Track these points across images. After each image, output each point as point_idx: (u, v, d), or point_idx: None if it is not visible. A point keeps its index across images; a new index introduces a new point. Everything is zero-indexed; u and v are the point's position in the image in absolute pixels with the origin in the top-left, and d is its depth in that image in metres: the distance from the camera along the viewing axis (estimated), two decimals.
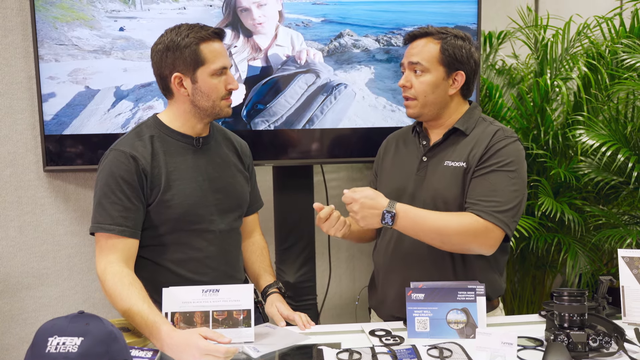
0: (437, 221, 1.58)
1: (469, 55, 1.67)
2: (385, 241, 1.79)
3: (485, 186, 1.61)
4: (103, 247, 1.56)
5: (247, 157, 1.86)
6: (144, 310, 1.45)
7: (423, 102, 1.68)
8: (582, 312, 1.45)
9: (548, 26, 2.74)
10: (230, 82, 1.65)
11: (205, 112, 1.66)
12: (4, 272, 2.24)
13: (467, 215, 1.59)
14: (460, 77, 1.67)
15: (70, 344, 1.23)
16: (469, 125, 1.71)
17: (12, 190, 2.24)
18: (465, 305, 1.56)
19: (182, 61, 1.59)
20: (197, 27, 1.62)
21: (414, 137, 1.79)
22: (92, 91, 2.20)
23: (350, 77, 2.30)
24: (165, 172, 1.62)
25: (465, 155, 1.67)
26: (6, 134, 2.21)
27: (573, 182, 2.37)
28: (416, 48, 1.68)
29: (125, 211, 1.56)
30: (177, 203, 1.63)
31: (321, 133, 2.32)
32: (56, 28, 2.16)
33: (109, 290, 1.51)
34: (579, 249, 2.35)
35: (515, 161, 1.63)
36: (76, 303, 2.35)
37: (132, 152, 1.59)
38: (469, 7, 2.32)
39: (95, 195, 1.60)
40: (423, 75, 1.66)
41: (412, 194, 1.72)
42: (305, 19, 2.25)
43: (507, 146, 1.64)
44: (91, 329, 1.25)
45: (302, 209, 2.45)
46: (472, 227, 1.57)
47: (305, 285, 2.47)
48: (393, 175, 1.79)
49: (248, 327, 1.54)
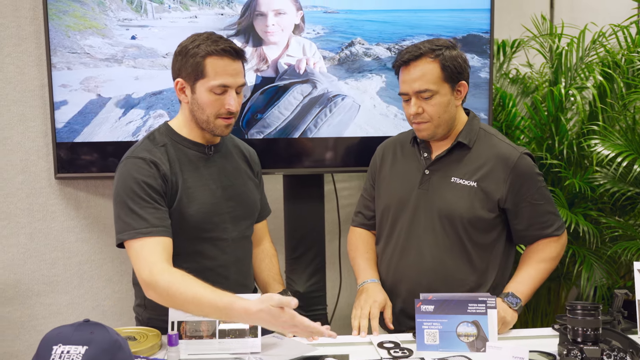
0: (543, 274, 1.75)
1: (464, 63, 1.67)
2: (389, 252, 1.77)
3: (538, 211, 1.71)
4: (141, 253, 1.50)
5: (256, 164, 1.86)
6: (209, 296, 1.40)
7: (437, 122, 1.67)
8: (596, 327, 1.41)
9: (562, 34, 2.71)
10: (228, 103, 1.59)
11: (201, 124, 1.64)
12: (15, 278, 2.25)
13: (544, 246, 1.74)
14: (463, 87, 1.68)
15: (75, 353, 1.22)
16: (471, 137, 1.72)
17: (24, 197, 2.25)
18: (476, 317, 1.53)
19: (186, 69, 1.59)
20: (211, 40, 1.58)
21: (412, 147, 1.78)
22: (104, 99, 2.21)
23: (361, 85, 2.28)
24: (181, 180, 1.62)
25: (475, 174, 1.68)
26: (18, 141, 2.22)
27: (588, 193, 2.32)
28: (415, 73, 1.63)
29: (158, 212, 1.54)
30: (193, 211, 1.62)
31: (332, 142, 2.30)
32: (69, 36, 2.17)
33: (164, 289, 1.44)
34: (594, 261, 2.30)
35: (539, 172, 1.73)
36: (86, 310, 2.35)
37: (153, 158, 1.58)
38: (482, 16, 2.30)
39: (120, 204, 1.55)
40: (433, 98, 1.64)
41: (415, 207, 1.72)
42: (316, 27, 2.25)
43: (531, 165, 1.71)
44: (96, 337, 1.24)
45: (313, 218, 2.43)
46: (558, 251, 1.76)
47: (315, 295, 2.45)
48: (394, 186, 1.79)
49: (255, 338, 1.53)
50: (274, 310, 1.35)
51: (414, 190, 1.72)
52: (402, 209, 1.74)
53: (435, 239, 1.70)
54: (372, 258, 1.84)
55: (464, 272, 1.70)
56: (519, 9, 2.90)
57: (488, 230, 1.71)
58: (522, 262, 1.77)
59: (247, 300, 1.39)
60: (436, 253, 1.70)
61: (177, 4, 2.20)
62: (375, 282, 1.77)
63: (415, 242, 1.72)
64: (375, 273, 1.80)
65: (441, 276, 1.70)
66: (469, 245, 1.69)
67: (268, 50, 2.23)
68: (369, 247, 1.87)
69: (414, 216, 1.72)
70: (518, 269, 1.76)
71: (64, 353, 1.21)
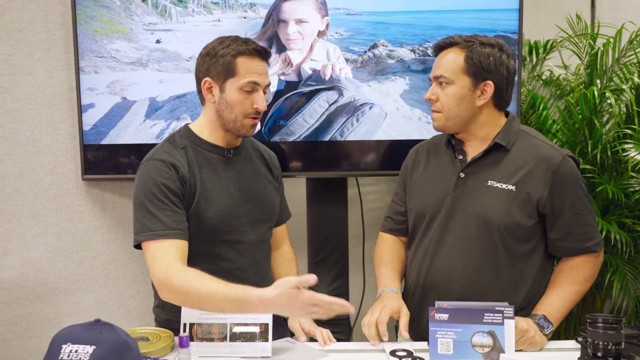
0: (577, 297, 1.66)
1: (498, 63, 1.58)
2: (419, 258, 1.72)
3: (578, 221, 1.62)
4: (156, 254, 1.52)
5: (276, 167, 1.85)
6: (224, 290, 1.40)
7: (447, 115, 1.61)
8: (618, 341, 1.34)
9: (599, 34, 2.60)
10: (257, 102, 1.63)
11: (227, 125, 1.65)
12: (42, 277, 2.31)
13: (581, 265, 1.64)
14: (489, 88, 1.59)
15: (83, 352, 1.24)
16: (509, 139, 1.63)
17: (52, 198, 2.31)
18: (492, 328, 1.47)
19: (215, 68, 1.61)
20: (241, 41, 1.62)
21: (447, 150, 1.71)
22: (129, 102, 2.25)
23: (384, 88, 2.25)
24: (200, 183, 1.63)
25: (513, 177, 1.60)
26: (47, 143, 2.29)
27: (622, 200, 2.22)
28: (442, 60, 1.62)
29: (175, 215, 1.56)
30: (211, 214, 1.63)
31: (355, 145, 2.28)
32: (96, 41, 2.22)
33: (179, 288, 1.45)
34: (628, 271, 2.20)
35: (582, 179, 1.64)
36: (111, 310, 2.39)
37: (172, 160, 1.60)
38: (510, 16, 2.23)
39: (139, 206, 1.57)
40: (447, 87, 1.60)
41: (449, 212, 1.65)
42: (339, 29, 2.23)
43: (574, 168, 1.62)
44: (104, 337, 1.26)
45: (336, 221, 2.41)
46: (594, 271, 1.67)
47: None
48: (426, 190, 1.72)
49: (265, 342, 1.52)
50: (292, 292, 1.34)
51: (449, 194, 1.65)
52: (436, 214, 1.67)
53: (468, 246, 1.63)
54: (396, 268, 1.77)
55: (496, 282, 1.62)
56: (558, 10, 2.78)
57: (526, 239, 1.62)
58: (555, 281, 1.66)
59: (262, 289, 1.38)
60: (468, 261, 1.63)
61: (201, 7, 2.22)
62: (394, 291, 1.69)
63: (448, 249, 1.65)
64: (396, 283, 1.73)
65: (472, 286, 1.62)
66: (504, 254, 1.61)
67: (292, 54, 2.22)
68: (394, 256, 1.80)
69: (447, 221, 1.65)
70: (551, 287, 1.65)
71: (72, 352, 1.23)
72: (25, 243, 2.27)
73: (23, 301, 2.29)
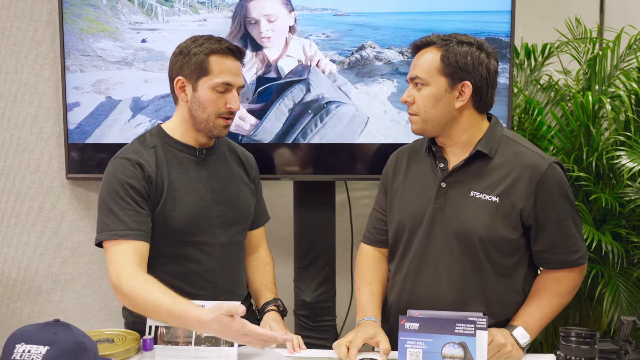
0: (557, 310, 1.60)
1: (476, 63, 1.51)
2: (403, 274, 1.64)
3: (564, 232, 1.55)
4: (113, 255, 1.52)
5: (253, 169, 1.82)
6: (167, 303, 1.39)
7: (424, 117, 1.55)
8: (591, 357, 1.28)
9: (599, 39, 2.53)
10: (230, 102, 1.60)
11: (200, 124, 1.63)
12: (24, 275, 2.30)
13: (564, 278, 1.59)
14: (467, 88, 1.52)
15: (36, 352, 1.22)
16: (492, 146, 1.55)
17: (36, 196, 2.30)
18: (464, 339, 1.41)
19: (188, 67, 1.59)
20: (214, 40, 1.61)
21: (427, 156, 1.64)
22: (114, 101, 2.24)
23: (371, 90, 2.20)
24: (167, 182, 1.60)
25: (497, 187, 1.53)
26: (32, 142, 2.28)
27: (617, 209, 2.14)
28: (418, 60, 1.56)
29: (137, 215, 1.54)
30: (178, 214, 1.60)
31: (340, 148, 2.23)
32: (82, 39, 2.21)
33: (127, 294, 1.45)
34: (620, 284, 2.12)
35: (569, 188, 1.56)
36: (94, 310, 2.38)
37: (138, 159, 1.58)
38: (502, 18, 2.17)
39: (102, 204, 1.57)
40: (423, 88, 1.54)
41: (430, 225, 1.57)
42: (326, 30, 2.19)
43: (561, 176, 1.54)
44: (59, 338, 1.24)
45: (323, 226, 2.36)
46: (576, 284, 1.61)
47: (323, 306, 2.38)
48: (407, 200, 1.64)
49: (231, 347, 1.49)
50: (225, 320, 1.31)
51: (429, 205, 1.57)
52: (417, 227, 1.59)
53: (451, 263, 1.55)
54: (375, 290, 1.68)
55: (483, 300, 1.55)
56: (565, 13, 2.70)
57: (511, 253, 1.55)
58: (536, 291, 1.59)
59: (202, 308, 1.35)
60: (454, 277, 1.55)
61: (187, 7, 2.20)
62: (372, 320, 1.61)
63: (431, 265, 1.58)
64: (375, 310, 1.64)
65: (458, 306, 1.54)
66: (489, 269, 1.54)
67: (268, 52, 2.19)
68: (374, 273, 1.71)
69: (429, 235, 1.57)
70: (531, 298, 1.58)
71: (25, 352, 1.21)
72: (7, 241, 2.26)
73: (4, 299, 2.28)
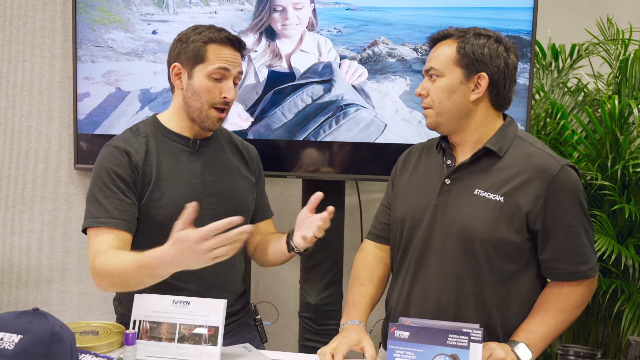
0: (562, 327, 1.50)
1: (494, 55, 1.45)
2: (402, 276, 1.57)
3: (574, 240, 1.46)
4: (92, 243, 1.52)
5: (254, 161, 1.78)
6: (134, 259, 1.40)
7: (439, 109, 1.48)
8: None
9: (631, 40, 2.39)
10: (225, 90, 1.58)
11: (193, 114, 1.60)
12: (30, 263, 2.31)
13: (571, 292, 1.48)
14: (483, 80, 1.45)
15: (8, 341, 1.20)
16: (502, 144, 1.47)
17: (43, 185, 2.31)
18: (456, 351, 1.33)
19: (185, 54, 1.58)
20: (215, 29, 1.60)
21: (437, 153, 1.57)
22: (123, 93, 2.23)
23: (383, 88, 2.13)
24: (156, 171, 1.58)
25: (503, 187, 1.44)
26: (41, 131, 2.29)
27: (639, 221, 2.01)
28: (434, 52, 1.51)
29: (121, 204, 1.53)
30: (166, 204, 1.58)
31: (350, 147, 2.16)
32: (94, 30, 2.21)
33: (101, 271, 1.46)
34: None
35: (583, 194, 1.46)
36: (97, 301, 2.37)
37: (126, 147, 1.57)
38: (523, 15, 2.06)
39: (89, 192, 1.57)
40: (438, 80, 1.48)
41: (430, 222, 1.50)
42: (338, 25, 2.13)
43: (574, 180, 1.45)
44: (33, 327, 1.22)
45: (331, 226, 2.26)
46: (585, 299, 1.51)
47: (328, 309, 2.31)
48: (410, 196, 1.58)
49: (214, 346, 1.44)
50: (181, 235, 1.28)
51: (431, 202, 1.50)
52: (417, 223, 1.52)
53: (451, 261, 1.47)
54: (366, 293, 1.61)
55: (479, 306, 1.47)
56: (602, 14, 2.56)
57: (514, 258, 1.46)
58: (540, 306, 1.48)
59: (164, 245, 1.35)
60: (451, 278, 1.47)
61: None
62: (356, 323, 1.53)
63: (430, 264, 1.50)
64: (360, 314, 1.56)
65: (454, 310, 1.47)
66: (488, 273, 1.45)
67: (281, 44, 2.14)
68: (369, 273, 1.64)
69: (428, 233, 1.50)
70: (534, 313, 1.48)
71: None
72: (14, 229, 2.28)
73: (9, 287, 2.29)
